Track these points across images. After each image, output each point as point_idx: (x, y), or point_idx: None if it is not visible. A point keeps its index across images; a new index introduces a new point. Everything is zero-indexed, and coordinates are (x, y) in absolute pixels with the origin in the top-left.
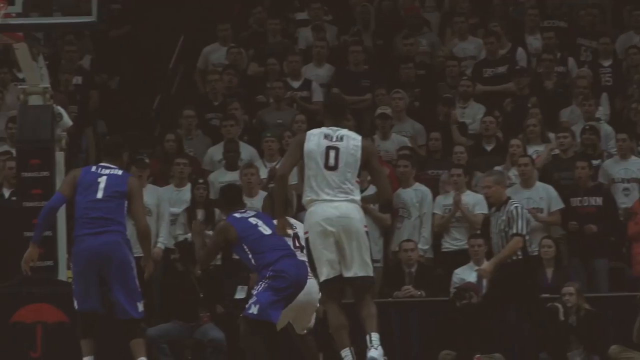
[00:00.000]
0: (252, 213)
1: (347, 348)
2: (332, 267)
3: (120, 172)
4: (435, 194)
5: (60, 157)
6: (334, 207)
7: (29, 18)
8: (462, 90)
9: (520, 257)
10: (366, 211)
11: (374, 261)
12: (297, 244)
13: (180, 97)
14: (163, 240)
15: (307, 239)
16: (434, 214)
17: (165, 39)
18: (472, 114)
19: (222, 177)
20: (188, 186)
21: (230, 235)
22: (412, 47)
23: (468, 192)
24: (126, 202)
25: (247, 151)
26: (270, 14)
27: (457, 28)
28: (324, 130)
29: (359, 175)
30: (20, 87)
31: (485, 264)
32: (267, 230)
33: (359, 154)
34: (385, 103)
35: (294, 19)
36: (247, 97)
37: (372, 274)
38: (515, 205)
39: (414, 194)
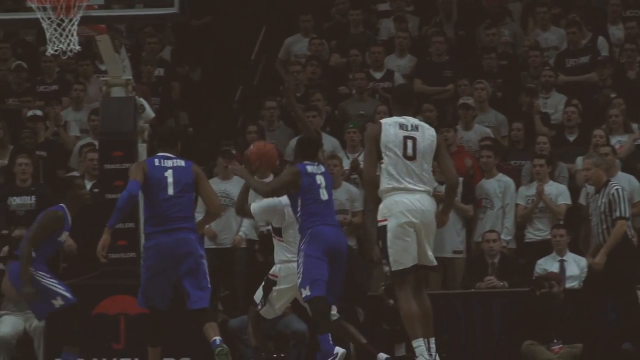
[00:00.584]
0: (322, 170)
1: (420, 339)
2: (412, 256)
3: (183, 163)
4: (518, 184)
5: (142, 148)
6: (417, 200)
7: (111, 10)
8: (544, 81)
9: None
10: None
11: (456, 252)
12: None
13: (262, 88)
14: (245, 231)
15: (384, 226)
16: (516, 204)
17: (247, 30)
18: (554, 104)
19: None
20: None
21: (296, 182)
22: (494, 38)
23: (551, 182)
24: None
25: (329, 142)
26: (353, 5)
27: (540, 18)
28: (398, 119)
29: None
30: (102, 79)
31: (597, 257)
32: (324, 196)
33: (434, 143)
34: (467, 93)
35: (376, 10)
36: (329, 88)
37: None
38: (616, 187)
39: (497, 184)
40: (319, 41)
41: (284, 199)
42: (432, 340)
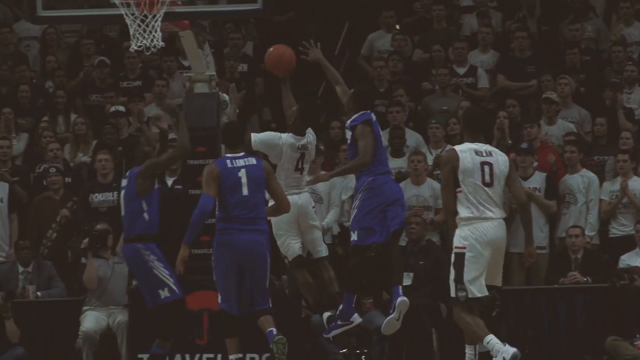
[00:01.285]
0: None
1: (489, 334)
2: (482, 287)
3: (254, 160)
4: (602, 179)
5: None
6: (495, 227)
7: (194, 6)
8: (628, 76)
9: None
10: (532, 197)
11: (540, 247)
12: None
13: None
14: (328, 222)
15: (462, 254)
16: (600, 200)
17: (330, 26)
18: (638, 99)
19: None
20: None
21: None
22: (577, 33)
23: (635, 177)
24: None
25: (412, 138)
26: (436, 1)
27: (623, 13)
28: (472, 146)
29: None
30: (186, 75)
31: None
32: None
33: (507, 168)
34: (550, 89)
35: (458, 6)
36: (412, 83)
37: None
38: None
39: (581, 179)
40: (402, 37)
41: (285, 137)
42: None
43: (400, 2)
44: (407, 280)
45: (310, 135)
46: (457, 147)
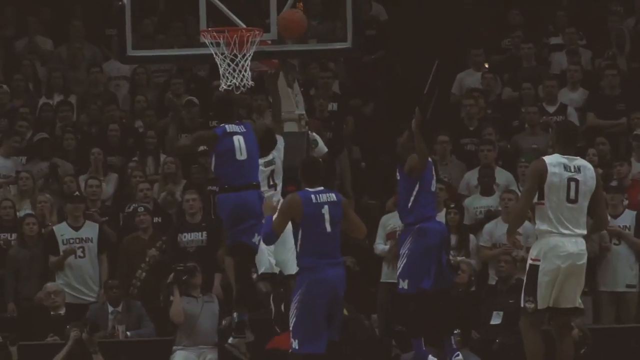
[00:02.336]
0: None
1: None
2: (547, 298)
3: (334, 197)
4: None
5: None
6: (573, 243)
7: (284, 45)
8: None
9: None
10: (622, 235)
11: (630, 286)
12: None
13: (435, 122)
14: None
15: (536, 266)
16: None
17: (419, 64)
18: None
19: (478, 202)
20: (443, 211)
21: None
22: None
23: None
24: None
25: (503, 176)
26: (525, 39)
27: None
28: (561, 159)
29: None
30: None
31: None
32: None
33: (594, 185)
34: None
35: (548, 44)
36: (502, 121)
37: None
38: None
39: None
40: (491, 75)
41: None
42: None
43: (488, 40)
44: (496, 319)
45: (275, 152)
46: (547, 159)
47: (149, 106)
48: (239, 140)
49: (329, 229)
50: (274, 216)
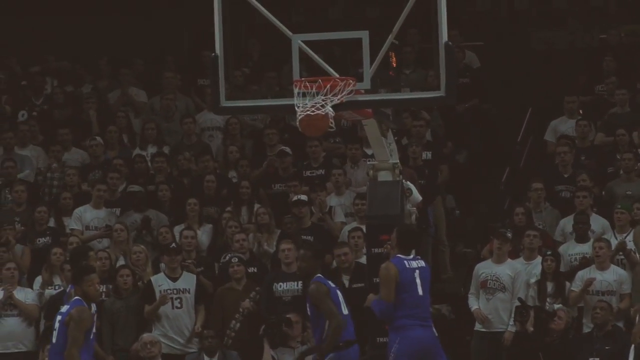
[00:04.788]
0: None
1: None
2: None
3: (423, 263)
4: None
5: None
6: None
7: (377, 94)
8: None
9: None
10: None
11: None
12: None
13: (529, 169)
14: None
15: None
16: None
17: (513, 112)
18: None
19: (573, 249)
20: (538, 259)
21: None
22: None
23: None
24: None
25: (598, 223)
26: (619, 85)
27: None
28: None
29: None
30: (369, 163)
31: None
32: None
33: None
34: None
35: None
36: (596, 168)
37: None
38: None
39: None
40: (585, 122)
41: None
42: None
43: (582, 86)
44: None
45: None
46: None
47: (241, 156)
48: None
49: (420, 292)
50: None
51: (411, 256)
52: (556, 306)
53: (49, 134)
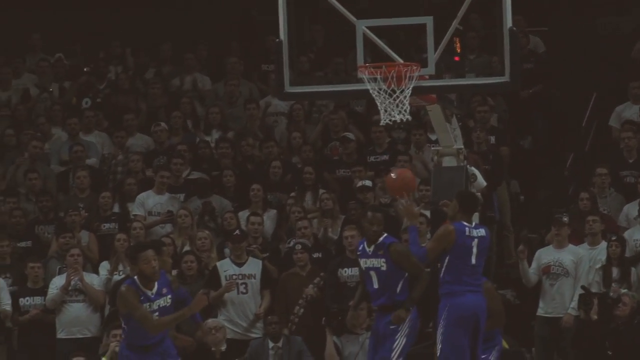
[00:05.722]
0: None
1: None
2: None
3: (483, 232)
4: None
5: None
6: None
7: (441, 80)
8: None
9: None
10: None
11: None
12: None
13: (594, 155)
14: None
15: None
16: None
17: (578, 98)
18: None
19: (638, 234)
20: (602, 244)
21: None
22: None
23: None
24: None
25: None
26: None
27: None
28: None
29: None
30: (434, 148)
31: None
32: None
33: None
34: None
35: None
36: None
37: None
38: None
39: None
40: None
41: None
42: None
43: None
44: None
45: None
46: None
47: (305, 142)
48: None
49: (474, 261)
50: (429, 243)
51: (473, 224)
52: (623, 291)
53: (113, 120)
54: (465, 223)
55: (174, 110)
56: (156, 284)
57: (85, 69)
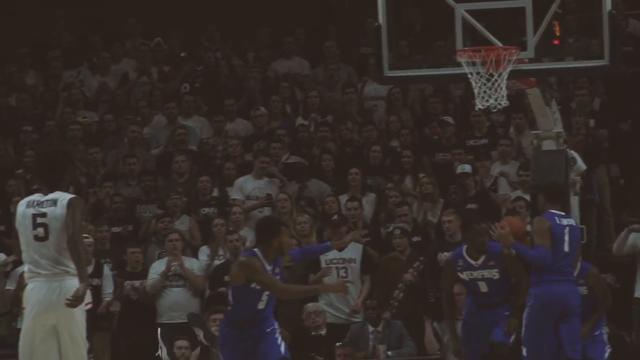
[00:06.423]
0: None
1: None
2: None
3: (573, 222)
4: None
5: (574, 201)
6: None
7: (541, 63)
8: None
9: None
10: None
11: None
12: None
13: None
14: None
15: None
16: None
17: None
18: None
19: None
20: None
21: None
22: None
23: None
24: None
25: None
26: None
27: None
28: None
29: None
30: (533, 132)
31: None
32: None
33: None
34: None
35: None
36: None
37: None
38: None
39: None
40: None
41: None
42: None
43: None
44: None
45: None
46: None
47: (403, 126)
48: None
49: (566, 249)
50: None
51: (562, 213)
52: None
53: (212, 105)
54: (555, 212)
55: (273, 94)
56: (273, 263)
57: (182, 54)
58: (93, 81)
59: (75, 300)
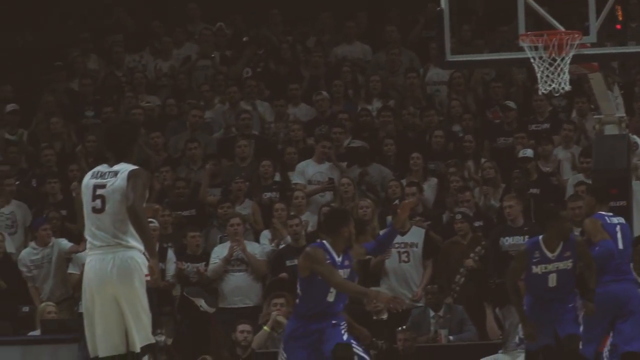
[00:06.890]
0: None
1: None
2: None
3: (624, 221)
4: None
5: (637, 186)
6: None
7: (603, 48)
8: None
9: None
10: None
11: None
12: None
13: None
14: None
15: None
16: None
17: None
18: None
19: None
20: None
21: None
22: None
23: None
24: None
25: None
26: None
27: None
28: None
29: None
30: (595, 117)
31: None
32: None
33: None
34: None
35: None
36: None
37: None
38: None
39: None
40: None
41: None
42: None
43: None
44: None
45: None
46: None
47: (465, 111)
48: None
49: (621, 246)
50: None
51: (611, 213)
52: None
53: (274, 89)
54: (604, 213)
55: (335, 79)
56: (342, 255)
57: (244, 39)
58: (155, 65)
59: (156, 279)
